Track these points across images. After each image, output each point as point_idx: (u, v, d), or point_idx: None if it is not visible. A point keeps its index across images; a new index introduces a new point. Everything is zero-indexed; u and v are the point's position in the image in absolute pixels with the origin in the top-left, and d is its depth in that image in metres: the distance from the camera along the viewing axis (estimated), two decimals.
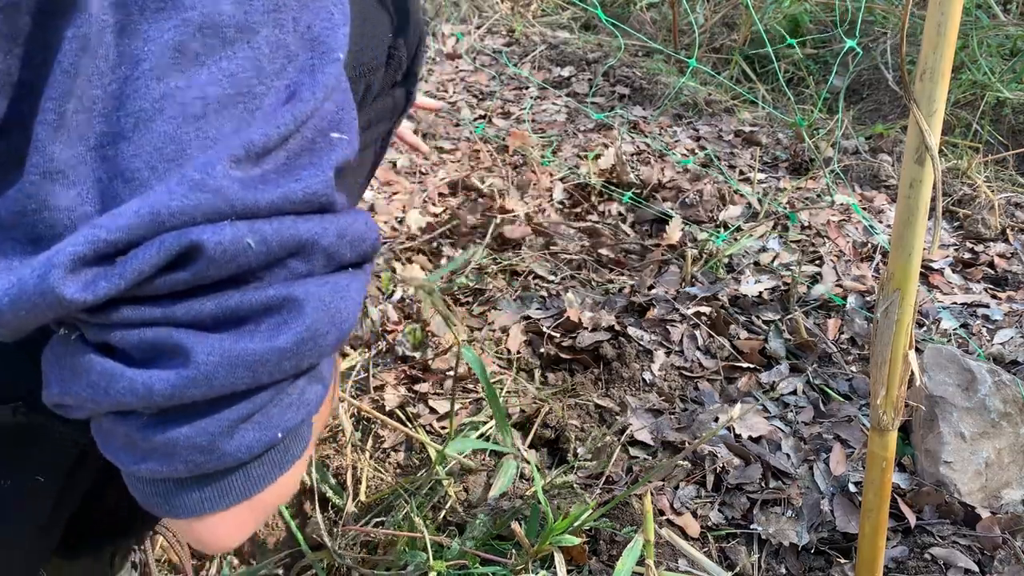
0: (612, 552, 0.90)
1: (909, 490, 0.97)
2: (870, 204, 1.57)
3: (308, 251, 0.39)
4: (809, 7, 2.37)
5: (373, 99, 0.64)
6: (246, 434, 0.40)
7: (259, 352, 0.38)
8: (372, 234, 0.44)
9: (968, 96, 2.02)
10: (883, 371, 0.66)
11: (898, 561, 0.90)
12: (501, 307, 1.26)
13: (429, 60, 2.27)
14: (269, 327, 0.38)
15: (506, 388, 1.11)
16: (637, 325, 1.22)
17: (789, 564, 0.91)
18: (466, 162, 1.67)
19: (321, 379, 0.43)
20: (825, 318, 1.25)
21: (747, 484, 0.99)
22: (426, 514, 0.95)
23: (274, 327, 0.38)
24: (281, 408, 0.41)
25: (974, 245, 1.45)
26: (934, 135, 0.59)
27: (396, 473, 1.03)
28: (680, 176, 1.60)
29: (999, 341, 1.20)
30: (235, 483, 0.41)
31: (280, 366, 0.38)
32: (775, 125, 1.88)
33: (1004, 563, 0.89)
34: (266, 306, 0.38)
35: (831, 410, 1.09)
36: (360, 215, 0.44)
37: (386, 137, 0.71)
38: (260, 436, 0.40)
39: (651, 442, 1.04)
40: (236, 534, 0.44)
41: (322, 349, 0.40)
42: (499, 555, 0.84)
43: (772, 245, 1.41)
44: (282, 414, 0.41)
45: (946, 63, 0.57)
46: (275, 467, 0.42)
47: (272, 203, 0.37)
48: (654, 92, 2.02)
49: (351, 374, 1.15)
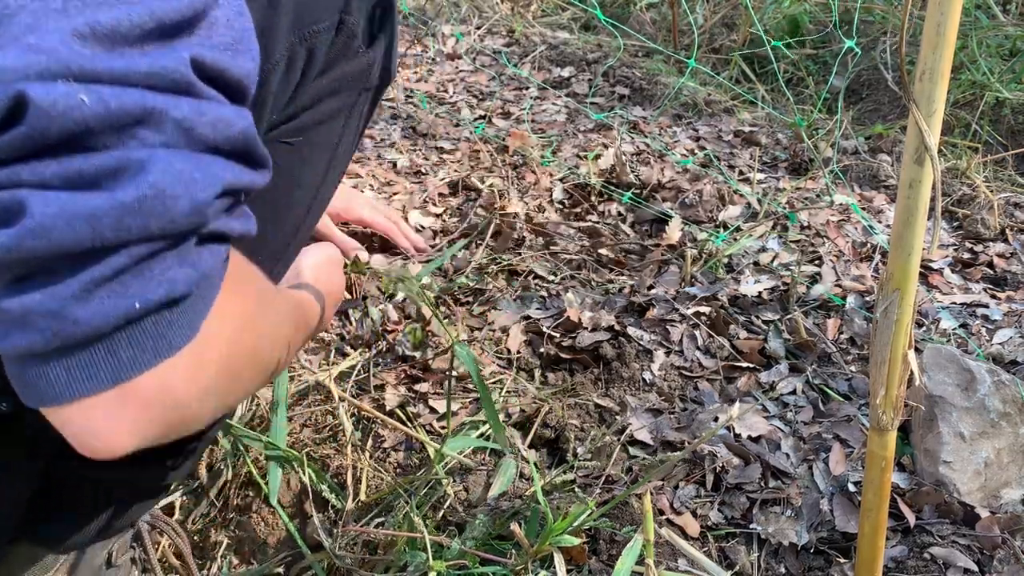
0: (612, 552, 0.90)
1: (908, 490, 0.97)
2: (869, 204, 1.57)
3: (157, 120, 0.39)
4: (808, 7, 2.37)
5: (324, 69, 0.63)
6: (101, 301, 0.39)
7: (98, 205, 0.38)
8: (242, 122, 0.44)
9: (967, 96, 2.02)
10: (882, 371, 0.66)
11: (897, 561, 0.90)
12: (501, 307, 1.26)
13: (429, 60, 2.27)
14: (110, 183, 0.38)
15: (506, 388, 1.11)
16: (637, 325, 1.22)
17: (788, 564, 0.91)
18: (466, 162, 1.67)
19: (193, 264, 0.42)
20: (824, 318, 1.25)
21: (747, 484, 0.99)
22: (425, 513, 0.95)
23: (115, 182, 0.38)
24: (141, 280, 0.40)
25: (973, 245, 1.45)
26: (933, 135, 0.59)
27: (396, 473, 1.03)
28: (680, 176, 1.61)
29: (998, 341, 1.20)
30: (101, 362, 0.40)
31: (123, 222, 0.38)
32: (775, 125, 1.88)
33: (1003, 563, 0.89)
34: (112, 168, 0.38)
35: (830, 410, 1.09)
36: (236, 109, 0.44)
37: (352, 112, 0.69)
38: (115, 304, 0.39)
39: (651, 442, 1.04)
40: (117, 430, 0.42)
41: (172, 213, 0.39)
42: (499, 555, 0.84)
43: (771, 245, 1.41)
44: (141, 285, 0.40)
45: (945, 63, 0.57)
46: (145, 351, 0.41)
47: (113, 72, 0.38)
48: (654, 92, 2.02)
49: (351, 374, 1.15)
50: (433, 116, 1.88)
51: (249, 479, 1.07)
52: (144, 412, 0.43)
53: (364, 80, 0.67)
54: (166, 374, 0.42)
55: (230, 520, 1.05)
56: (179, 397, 0.44)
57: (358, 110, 0.70)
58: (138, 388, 0.42)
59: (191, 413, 0.46)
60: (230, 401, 0.53)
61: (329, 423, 1.09)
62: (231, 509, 1.06)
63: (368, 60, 0.66)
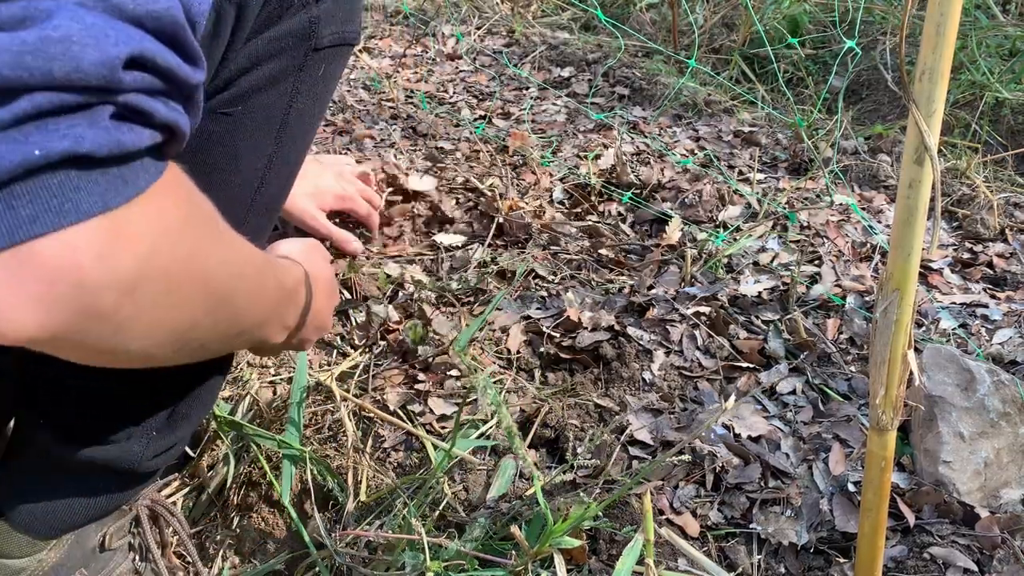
0: (612, 552, 0.90)
1: (908, 489, 0.97)
2: (869, 204, 1.57)
3: None
4: (808, 7, 2.37)
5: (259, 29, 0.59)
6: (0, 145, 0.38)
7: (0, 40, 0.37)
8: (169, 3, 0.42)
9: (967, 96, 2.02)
10: (882, 371, 0.67)
11: (897, 560, 0.90)
12: (501, 307, 1.26)
13: (429, 60, 2.27)
14: (14, 27, 0.38)
15: (506, 388, 1.11)
16: (637, 325, 1.22)
17: (788, 563, 0.91)
18: (466, 162, 1.68)
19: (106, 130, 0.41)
20: (824, 318, 1.25)
21: (746, 484, 0.99)
22: (424, 513, 0.95)
23: (20, 26, 0.38)
24: (43, 131, 0.38)
25: (973, 245, 1.45)
26: (933, 135, 0.59)
27: (396, 473, 1.03)
28: (680, 176, 1.61)
29: (998, 341, 1.20)
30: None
31: (22, 60, 0.37)
32: (774, 125, 1.88)
33: (1003, 562, 0.89)
34: (18, 16, 0.38)
35: (830, 410, 1.10)
36: None
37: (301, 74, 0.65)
38: (13, 148, 0.38)
39: (651, 441, 1.04)
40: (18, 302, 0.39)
41: (78, 61, 0.38)
42: (499, 555, 0.84)
43: (771, 245, 1.42)
44: (43, 135, 0.38)
45: (945, 64, 0.57)
46: (48, 211, 0.39)
47: None
48: (654, 92, 2.02)
49: (353, 374, 1.15)
50: (433, 116, 1.88)
51: (250, 478, 1.07)
52: (48, 286, 0.40)
53: (309, 39, 0.63)
54: (71, 241, 0.40)
55: (231, 519, 1.05)
56: (88, 277, 0.41)
57: (310, 73, 0.66)
58: (39, 252, 0.39)
59: (106, 305, 0.43)
60: (167, 324, 0.48)
61: (329, 423, 1.09)
62: (232, 508, 1.06)
63: (311, 16, 0.62)
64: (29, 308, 0.40)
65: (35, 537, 0.80)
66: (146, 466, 0.81)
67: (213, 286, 0.51)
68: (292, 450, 1.02)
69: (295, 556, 0.99)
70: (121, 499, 0.85)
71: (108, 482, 0.82)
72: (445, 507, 0.95)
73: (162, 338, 0.49)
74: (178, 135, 0.46)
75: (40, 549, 0.81)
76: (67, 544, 0.83)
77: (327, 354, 1.20)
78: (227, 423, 1.06)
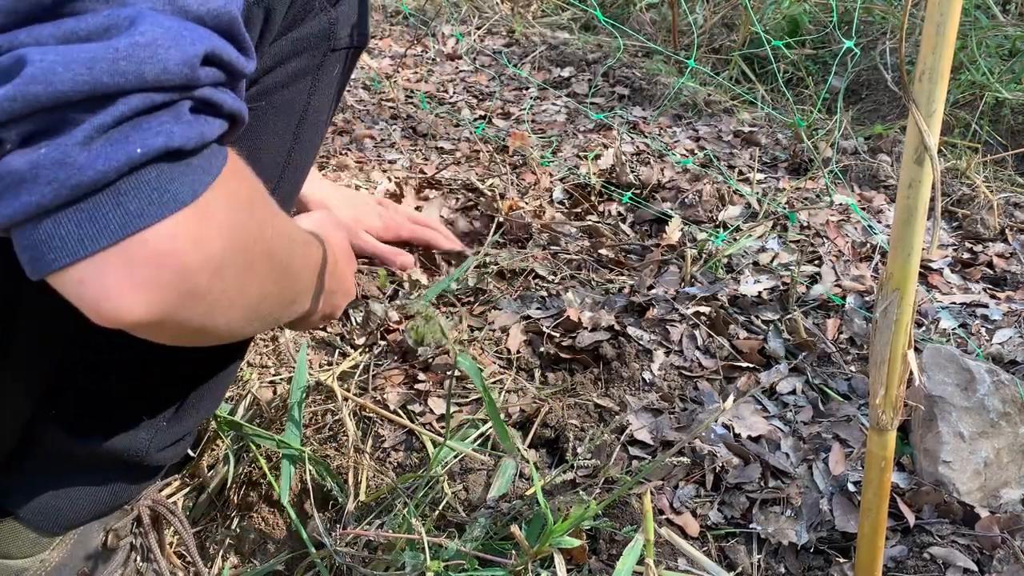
0: (612, 552, 0.90)
1: (908, 489, 0.97)
2: (869, 204, 1.57)
3: None
4: (808, 7, 2.37)
5: (283, 31, 0.63)
6: (105, 147, 0.41)
7: (94, 50, 0.40)
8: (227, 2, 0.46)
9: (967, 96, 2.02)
10: (882, 371, 0.67)
11: (897, 560, 0.90)
12: (501, 307, 1.26)
13: (429, 60, 2.27)
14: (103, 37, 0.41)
15: (506, 388, 1.11)
16: (637, 325, 1.22)
17: (788, 563, 0.91)
18: (466, 163, 1.68)
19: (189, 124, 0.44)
20: (824, 318, 1.25)
21: (746, 483, 0.99)
22: (424, 513, 0.95)
23: (108, 35, 0.41)
24: (139, 130, 0.42)
25: (973, 245, 1.45)
26: (933, 135, 0.59)
27: (396, 472, 1.03)
28: (679, 176, 1.61)
29: (998, 341, 1.20)
30: (109, 213, 0.42)
31: (118, 66, 0.40)
32: (774, 125, 1.88)
33: (1003, 562, 0.89)
34: (104, 25, 0.41)
35: (830, 410, 1.10)
36: None
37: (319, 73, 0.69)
38: (118, 149, 0.41)
39: (651, 441, 1.04)
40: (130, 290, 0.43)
41: (164, 62, 0.42)
42: (499, 555, 0.84)
43: (771, 245, 1.42)
44: (140, 134, 0.42)
45: (945, 64, 0.57)
46: (151, 203, 0.43)
47: None
48: (653, 92, 2.02)
49: (353, 374, 1.15)
50: (433, 116, 1.88)
51: (250, 478, 1.07)
52: (155, 272, 0.44)
53: (328, 40, 0.67)
54: (173, 230, 0.43)
55: (231, 519, 1.05)
56: (188, 261, 0.45)
57: (327, 71, 0.70)
58: (147, 242, 0.43)
59: (202, 286, 0.46)
60: (246, 298, 0.52)
61: (329, 423, 1.09)
62: (232, 508, 1.06)
63: (331, 18, 0.66)
64: (140, 293, 0.43)
65: (41, 533, 0.80)
66: (153, 459, 0.81)
67: (277, 258, 0.55)
68: (292, 450, 1.02)
69: (295, 556, 0.99)
70: (126, 494, 0.85)
71: (115, 476, 0.82)
72: (445, 507, 0.95)
73: (242, 312, 0.52)
74: (239, 123, 0.49)
75: (43, 549, 0.81)
76: (70, 544, 0.83)
77: (327, 354, 1.20)
78: (227, 423, 1.06)
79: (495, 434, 1.04)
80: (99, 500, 0.82)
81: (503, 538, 0.90)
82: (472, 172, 1.62)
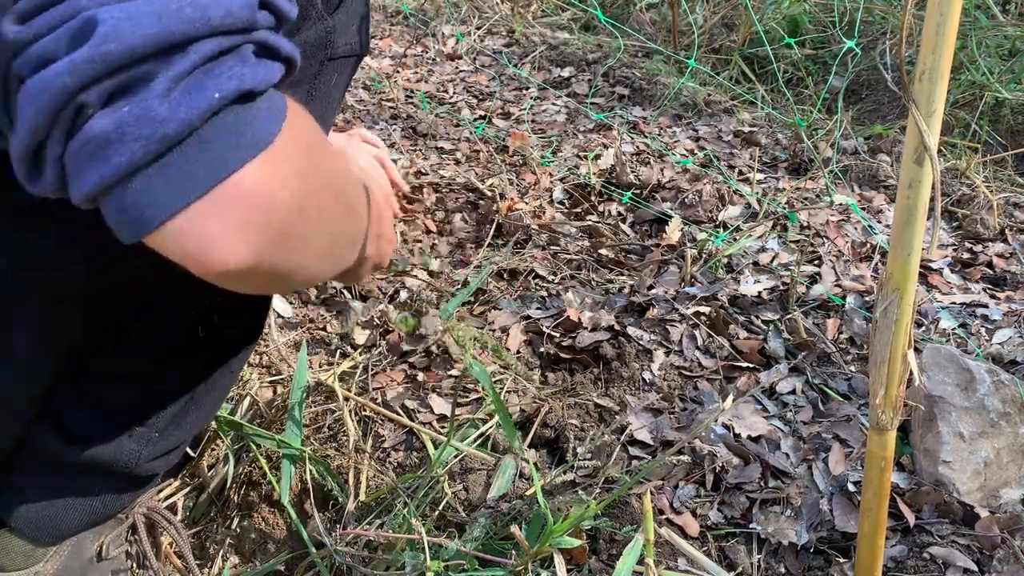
0: (612, 551, 0.90)
1: (908, 489, 0.97)
2: (869, 204, 1.57)
3: None
4: (808, 7, 2.37)
5: None
6: (184, 96, 0.42)
7: (158, 2, 0.41)
8: None
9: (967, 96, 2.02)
10: (882, 371, 0.67)
11: (897, 560, 0.90)
12: (501, 307, 1.26)
13: (429, 60, 2.27)
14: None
15: (506, 388, 1.11)
16: (637, 325, 1.22)
17: (788, 563, 0.91)
18: (466, 162, 1.68)
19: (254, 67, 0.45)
20: (824, 318, 1.25)
21: (746, 483, 0.99)
22: (425, 512, 0.95)
23: None
24: (213, 76, 0.43)
25: (973, 245, 1.45)
26: (933, 135, 0.59)
27: (396, 472, 1.03)
28: (679, 176, 1.61)
29: (998, 341, 1.20)
30: (197, 161, 0.43)
31: (184, 13, 0.41)
32: (774, 125, 1.88)
33: (1003, 562, 0.89)
34: None
35: (830, 410, 1.10)
36: None
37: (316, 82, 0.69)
38: (197, 96, 0.42)
39: (651, 442, 1.04)
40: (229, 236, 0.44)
41: (227, 4, 0.43)
42: (499, 555, 0.84)
43: (771, 245, 1.42)
44: (214, 80, 0.42)
45: (945, 64, 0.57)
46: (234, 147, 0.43)
47: None
48: (654, 92, 2.02)
49: (353, 374, 1.15)
50: (433, 116, 1.88)
51: (250, 478, 1.07)
52: (249, 214, 0.44)
53: (326, 48, 0.67)
54: (258, 172, 0.44)
55: (231, 519, 1.05)
56: (275, 201, 0.45)
57: (325, 80, 0.70)
58: (237, 185, 0.44)
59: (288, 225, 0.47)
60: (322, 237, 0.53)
61: (329, 423, 1.09)
62: (232, 508, 1.06)
63: (327, 27, 0.66)
64: (237, 237, 0.44)
65: (34, 544, 0.80)
66: (144, 468, 0.80)
67: (343, 196, 0.56)
68: (292, 450, 1.02)
69: (295, 556, 0.99)
70: (119, 504, 0.84)
71: (105, 485, 0.81)
72: (445, 507, 0.95)
73: (319, 253, 0.53)
74: (294, 67, 0.50)
75: (37, 560, 0.81)
76: (64, 555, 0.83)
77: (327, 354, 1.20)
78: (227, 423, 1.06)
79: (495, 434, 1.04)
80: (91, 509, 0.81)
81: (503, 538, 0.90)
82: (472, 172, 1.62)
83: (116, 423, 0.77)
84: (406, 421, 1.07)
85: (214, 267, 0.45)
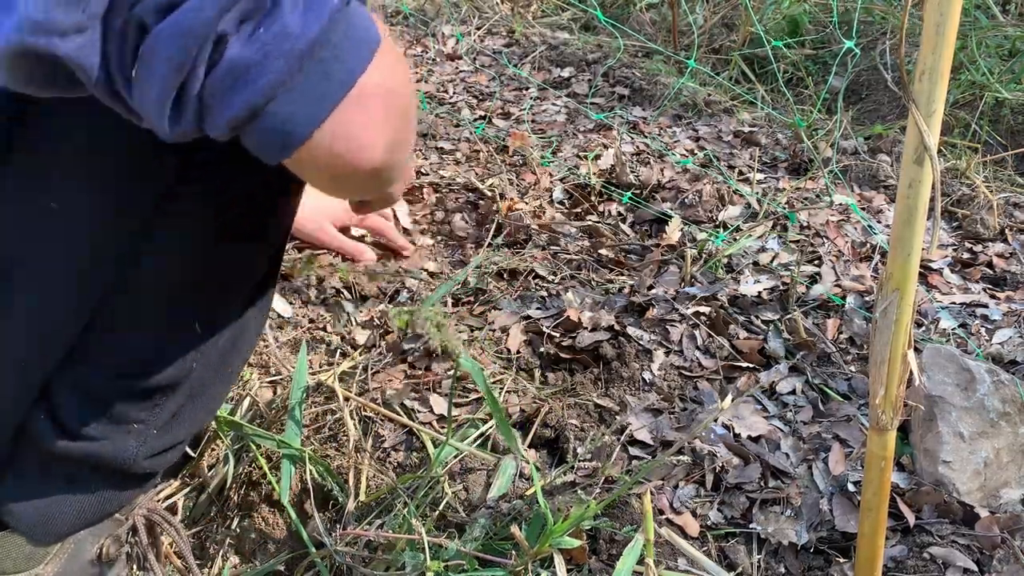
0: (612, 552, 0.90)
1: (908, 489, 0.97)
2: (869, 204, 1.57)
3: None
4: (808, 8, 2.37)
5: None
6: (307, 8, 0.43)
7: None
8: None
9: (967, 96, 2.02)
10: (882, 371, 0.67)
11: (897, 560, 0.90)
12: (501, 307, 1.26)
13: (429, 60, 2.27)
14: None
15: (506, 388, 1.11)
16: (637, 325, 1.22)
17: (788, 563, 0.91)
18: (466, 162, 1.68)
19: None
20: (824, 318, 1.25)
21: (746, 483, 0.99)
22: (425, 513, 0.95)
23: None
24: None
25: (973, 245, 1.45)
26: (933, 135, 0.59)
27: (396, 472, 1.03)
28: (679, 176, 1.61)
29: (998, 341, 1.20)
30: (333, 68, 0.44)
31: None
32: (774, 125, 1.88)
33: (1003, 562, 0.89)
34: None
35: (830, 410, 1.10)
36: None
37: None
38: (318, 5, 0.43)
39: (651, 442, 1.04)
40: (372, 131, 0.46)
41: None
42: (499, 555, 0.84)
43: (771, 245, 1.42)
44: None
45: (945, 64, 0.57)
46: (359, 48, 0.45)
47: None
48: (654, 93, 2.02)
49: (353, 374, 1.15)
50: (433, 116, 1.88)
51: (250, 478, 1.07)
52: (382, 108, 0.47)
53: None
54: (382, 70, 0.46)
55: (231, 519, 1.05)
56: (401, 99, 0.48)
57: None
58: (369, 83, 0.46)
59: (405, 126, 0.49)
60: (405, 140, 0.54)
61: (329, 422, 1.10)
62: (232, 508, 1.06)
63: None
64: (380, 130, 0.47)
65: (32, 543, 0.80)
66: (141, 466, 0.80)
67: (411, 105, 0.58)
68: (292, 450, 1.02)
69: (295, 556, 0.99)
70: (116, 501, 0.84)
71: (103, 483, 0.81)
72: (445, 507, 0.95)
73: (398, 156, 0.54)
74: None
75: (37, 563, 0.81)
76: (64, 558, 0.83)
77: (327, 354, 1.20)
78: (227, 423, 1.06)
79: (495, 434, 1.04)
80: (88, 507, 0.81)
81: (503, 538, 0.90)
82: (472, 172, 1.62)
83: (114, 419, 0.77)
84: (406, 421, 1.07)
85: (364, 164, 0.47)
